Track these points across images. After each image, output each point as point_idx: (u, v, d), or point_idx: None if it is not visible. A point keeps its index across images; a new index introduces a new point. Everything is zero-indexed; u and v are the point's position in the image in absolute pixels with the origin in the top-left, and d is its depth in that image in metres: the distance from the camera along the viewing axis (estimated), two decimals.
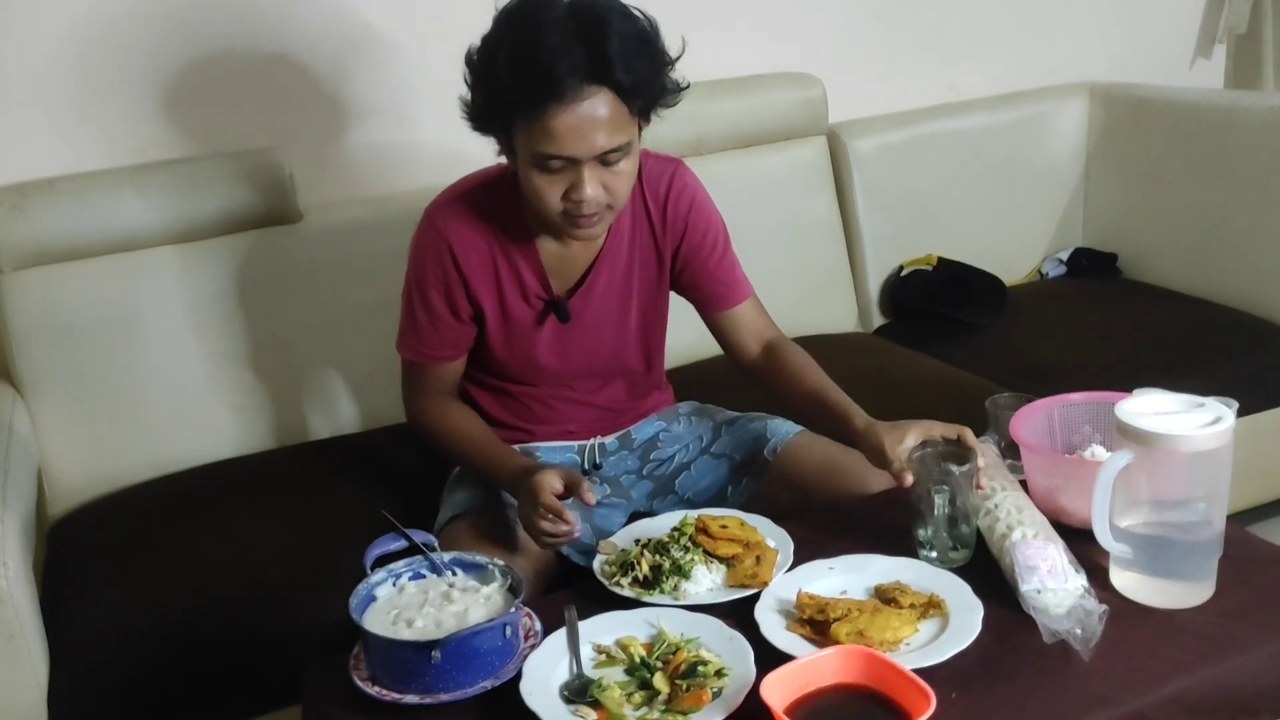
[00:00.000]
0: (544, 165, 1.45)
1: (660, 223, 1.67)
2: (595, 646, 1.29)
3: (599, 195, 1.47)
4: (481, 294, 1.63)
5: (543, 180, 1.47)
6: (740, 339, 1.74)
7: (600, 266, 1.66)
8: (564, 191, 1.47)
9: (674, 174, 1.68)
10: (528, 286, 1.64)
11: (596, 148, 1.43)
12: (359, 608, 1.27)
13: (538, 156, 1.44)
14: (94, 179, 1.99)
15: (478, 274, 1.62)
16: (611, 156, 1.45)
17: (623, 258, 1.68)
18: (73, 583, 1.74)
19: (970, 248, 2.61)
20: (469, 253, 1.61)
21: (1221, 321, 2.40)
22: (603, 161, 1.45)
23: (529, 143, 1.44)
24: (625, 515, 1.74)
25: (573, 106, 1.40)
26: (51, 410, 1.97)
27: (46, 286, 1.95)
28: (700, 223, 1.69)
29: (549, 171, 1.46)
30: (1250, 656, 1.22)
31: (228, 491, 1.94)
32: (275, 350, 2.09)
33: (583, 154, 1.43)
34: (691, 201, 1.69)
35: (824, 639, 1.24)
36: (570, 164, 1.44)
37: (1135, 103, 2.70)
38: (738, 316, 1.73)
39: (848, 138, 2.54)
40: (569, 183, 1.46)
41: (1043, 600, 1.26)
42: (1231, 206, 2.48)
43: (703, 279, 1.71)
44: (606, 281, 1.67)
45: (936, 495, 1.39)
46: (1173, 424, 1.26)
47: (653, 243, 1.69)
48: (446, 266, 1.60)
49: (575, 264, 1.66)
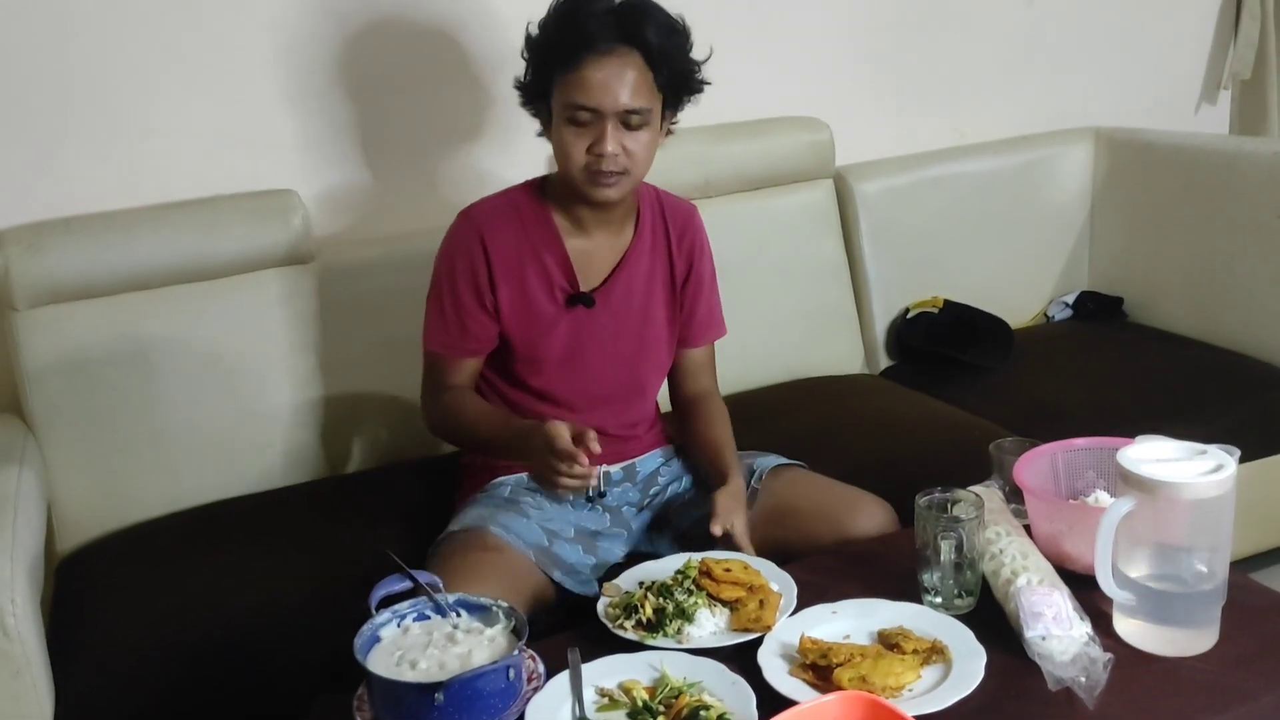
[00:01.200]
0: (574, 117, 1.60)
1: (678, 251, 1.82)
2: (598, 689, 1.29)
3: (618, 153, 1.61)
4: (506, 281, 1.71)
5: (570, 133, 1.62)
6: (681, 379, 1.89)
7: (623, 269, 1.77)
8: (588, 145, 1.61)
9: (691, 212, 1.86)
10: (554, 280, 1.73)
11: (621, 103, 1.59)
12: (363, 648, 1.28)
13: (569, 108, 1.60)
14: (110, 219, 2.01)
15: (504, 261, 1.71)
16: (633, 119, 1.61)
17: (644, 266, 1.79)
18: (80, 619, 1.74)
19: (976, 290, 2.62)
20: (498, 243, 1.71)
21: (1227, 365, 2.40)
22: (625, 123, 1.61)
23: (562, 96, 1.61)
24: (626, 546, 1.76)
25: (603, 59, 1.58)
26: (63, 447, 1.98)
27: (60, 324, 1.97)
28: (702, 261, 1.85)
29: (577, 124, 1.61)
30: (1254, 705, 1.22)
31: (236, 528, 1.95)
32: (287, 389, 2.10)
33: (608, 106, 1.59)
34: (702, 243, 1.86)
35: (827, 684, 1.24)
36: (596, 118, 1.60)
37: (1140, 147, 2.72)
38: (695, 358, 1.89)
39: (854, 180, 2.56)
40: (594, 137, 1.60)
41: (1048, 647, 1.26)
42: (1236, 251, 2.49)
43: (688, 315, 1.85)
44: (627, 285, 1.77)
45: (943, 541, 1.39)
46: (1175, 471, 1.27)
47: (669, 265, 1.81)
48: (475, 255, 1.70)
49: (600, 265, 1.76)
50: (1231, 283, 2.50)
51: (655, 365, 1.84)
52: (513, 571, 1.57)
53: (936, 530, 1.39)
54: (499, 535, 1.62)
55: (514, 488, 1.77)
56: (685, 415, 1.87)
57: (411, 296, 1.81)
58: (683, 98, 1.70)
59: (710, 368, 1.90)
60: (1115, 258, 2.77)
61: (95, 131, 2.07)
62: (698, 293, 1.84)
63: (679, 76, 1.67)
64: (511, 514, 1.68)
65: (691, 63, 1.69)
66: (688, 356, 1.87)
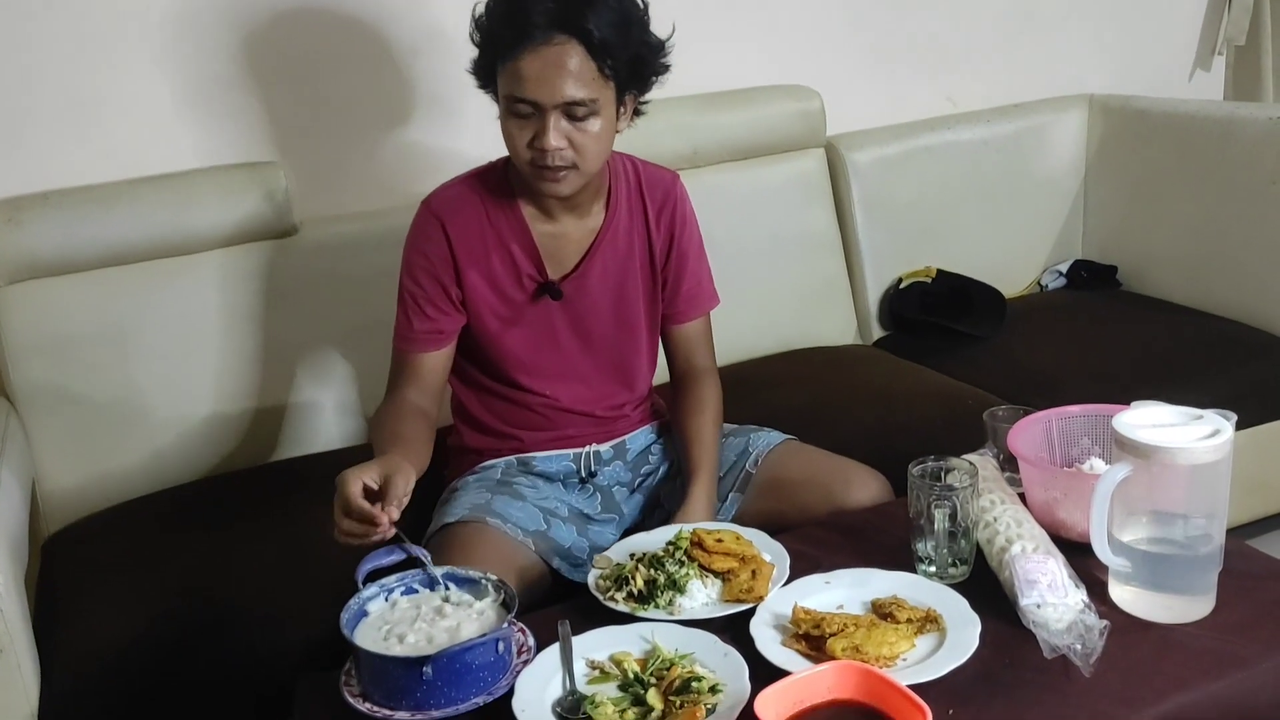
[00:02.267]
0: (514, 109, 1.53)
1: (656, 225, 1.73)
2: (589, 662, 1.28)
3: (562, 146, 1.52)
4: (471, 275, 1.65)
5: (513, 125, 1.54)
6: (682, 355, 1.82)
7: (596, 253, 1.69)
8: (530, 139, 1.53)
9: (672, 182, 1.77)
10: (520, 268, 1.67)
11: (560, 95, 1.50)
12: (350, 623, 1.26)
13: (509, 100, 1.53)
14: (89, 192, 1.98)
15: (469, 254, 1.65)
16: (578, 110, 1.52)
17: (619, 249, 1.71)
18: (65, 598, 1.73)
19: (969, 260, 2.60)
20: (461, 232, 1.65)
21: (1221, 333, 2.39)
22: (569, 115, 1.52)
23: (503, 86, 1.53)
24: (618, 531, 1.74)
25: (540, 50, 1.48)
26: (46, 424, 1.96)
27: (41, 300, 1.95)
28: (684, 230, 1.77)
29: (518, 116, 1.53)
30: (1250, 672, 1.21)
31: (222, 506, 1.93)
32: (271, 364, 2.09)
33: (546, 99, 1.50)
34: (685, 215, 1.77)
35: (820, 654, 1.23)
36: (537, 110, 1.51)
37: (1134, 114, 2.70)
38: (687, 333, 1.81)
39: (846, 150, 2.54)
40: (535, 130, 1.52)
41: (1043, 615, 1.25)
42: (1231, 218, 2.47)
43: (671, 291, 1.78)
44: (601, 270, 1.70)
45: (937, 510, 1.38)
46: (1171, 436, 1.26)
47: (647, 241, 1.74)
48: (438, 246, 1.64)
49: (570, 249, 1.69)
50: (1226, 250, 2.48)
51: (636, 348, 1.78)
52: (511, 562, 1.54)
53: (930, 499, 1.38)
54: (496, 526, 1.59)
55: (504, 469, 1.75)
56: (675, 394, 1.81)
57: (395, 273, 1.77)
58: (645, 81, 1.61)
59: (703, 342, 1.83)
60: (1109, 226, 2.76)
61: (71, 105, 2.04)
62: (682, 266, 1.77)
63: (633, 62, 1.56)
64: (506, 498, 1.66)
65: (646, 46, 1.58)
66: (677, 332, 1.81)
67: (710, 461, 1.68)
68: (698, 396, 1.76)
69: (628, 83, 1.57)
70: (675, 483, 1.76)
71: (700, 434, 1.71)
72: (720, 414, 1.77)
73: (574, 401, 1.75)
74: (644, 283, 1.75)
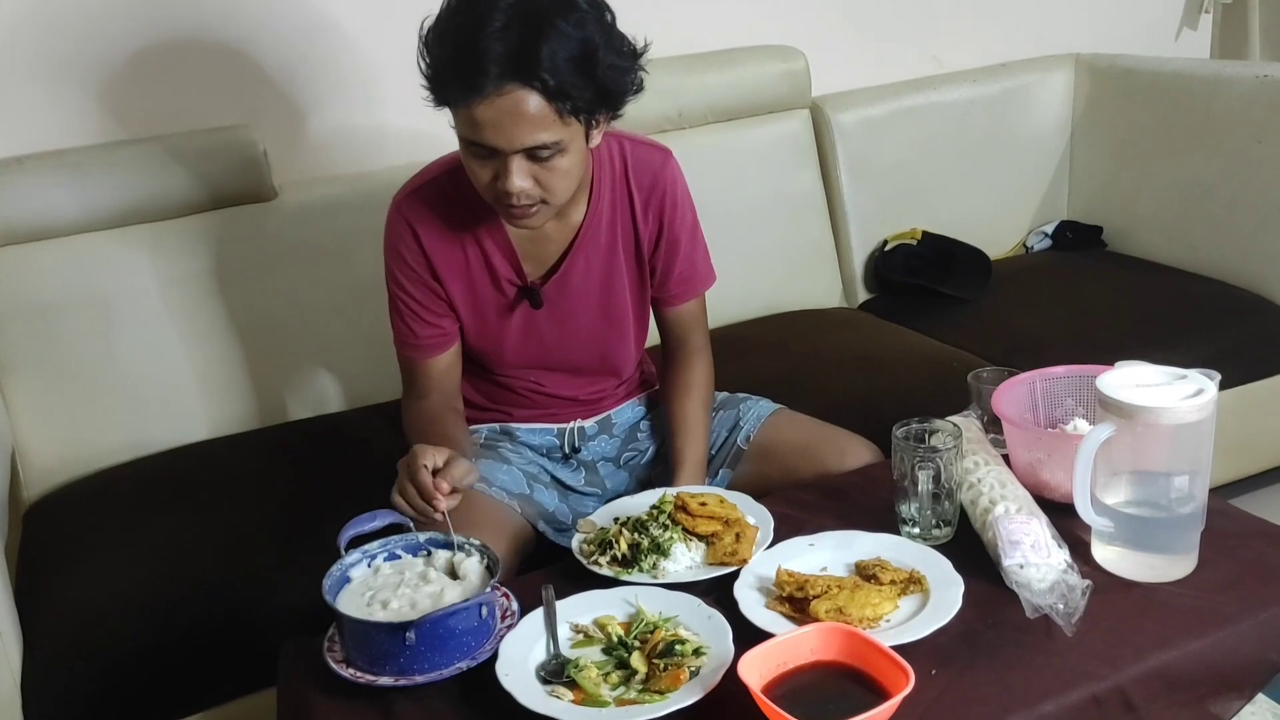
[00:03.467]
0: (472, 150, 1.43)
1: (643, 211, 1.64)
2: (573, 626, 1.28)
3: (527, 187, 1.42)
4: (450, 281, 1.60)
5: (474, 164, 1.44)
6: (676, 336, 1.75)
7: (577, 252, 1.62)
8: (492, 178, 1.43)
9: (662, 163, 1.65)
10: (498, 272, 1.61)
11: (518, 142, 1.38)
12: (333, 589, 1.26)
13: (465, 141, 1.42)
14: (63, 157, 1.96)
15: (446, 261, 1.59)
16: (541, 153, 1.40)
17: (601, 244, 1.63)
18: (47, 566, 1.72)
19: (955, 221, 2.59)
20: (435, 240, 1.58)
21: (1206, 293, 2.39)
22: (532, 156, 1.41)
23: (459, 127, 1.42)
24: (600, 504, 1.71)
25: (491, 100, 1.35)
26: (25, 392, 1.94)
27: (17, 267, 1.92)
28: (675, 212, 1.66)
29: (478, 156, 1.43)
30: (1232, 630, 1.22)
31: (204, 473, 1.92)
32: (251, 330, 2.07)
33: (504, 146, 1.39)
34: (675, 199, 1.66)
35: (803, 616, 1.23)
36: (495, 153, 1.40)
37: (1121, 73, 2.68)
38: (681, 315, 1.74)
39: (831, 111, 2.52)
40: (496, 170, 1.42)
41: (1025, 575, 1.25)
42: (1217, 178, 2.46)
43: (661, 276, 1.70)
44: (584, 268, 1.63)
45: (921, 472, 1.37)
46: (1155, 396, 1.25)
47: (633, 229, 1.66)
48: (415, 255, 1.58)
49: (549, 249, 1.62)
50: (1212, 210, 2.48)
51: (622, 339, 1.72)
52: (500, 526, 1.54)
53: (914, 461, 1.38)
54: (482, 489, 1.58)
55: (488, 435, 1.74)
56: (665, 372, 1.75)
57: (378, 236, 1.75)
58: (617, 103, 1.47)
59: (697, 324, 1.75)
60: (1094, 186, 2.75)
61: (44, 68, 2.01)
62: (673, 251, 1.67)
63: (599, 94, 1.41)
64: (491, 461, 1.65)
65: (614, 70, 1.42)
66: (670, 315, 1.73)
67: (696, 452, 1.64)
68: (686, 380, 1.71)
69: (595, 111, 1.44)
70: (665, 464, 1.73)
71: (686, 420, 1.66)
72: (709, 396, 1.72)
73: (558, 388, 1.73)
74: (630, 274, 1.68)
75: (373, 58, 2.22)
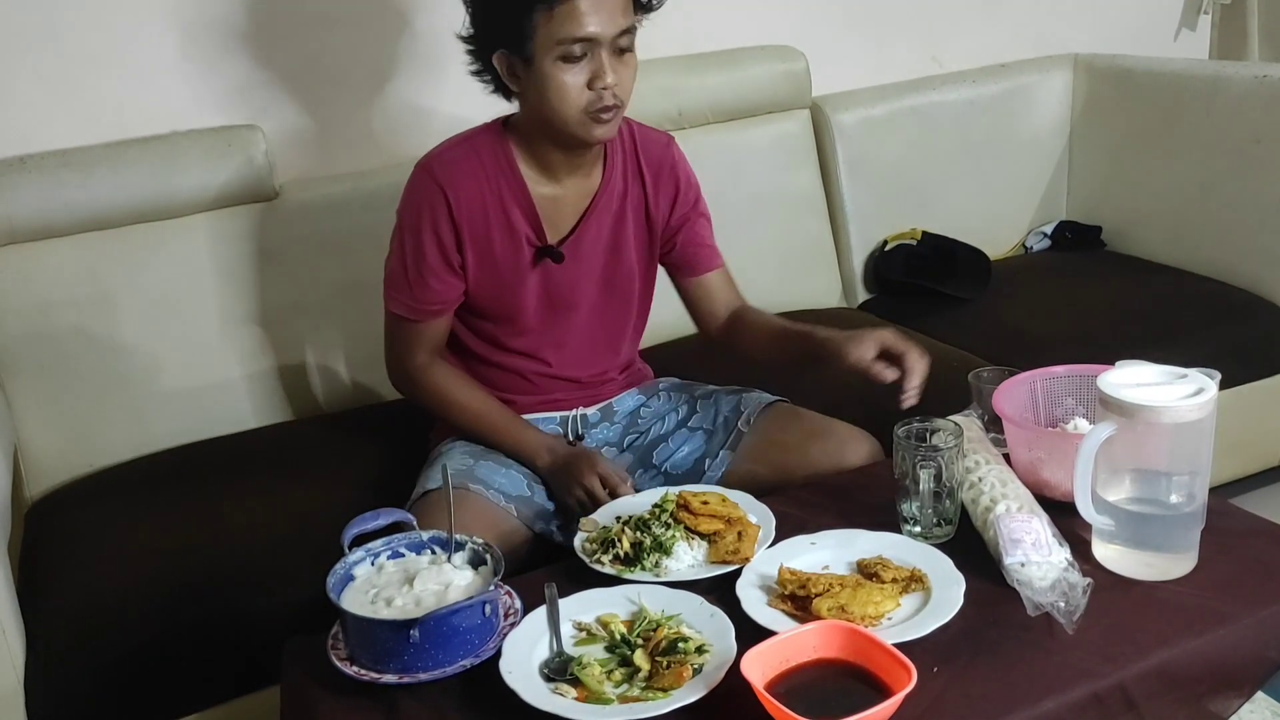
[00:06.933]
0: (568, 54, 1.48)
1: (654, 188, 1.71)
2: (575, 624, 1.28)
3: (617, 83, 1.51)
4: (471, 239, 1.63)
5: (566, 75, 1.50)
6: (712, 306, 1.79)
7: (591, 216, 1.68)
8: (587, 81, 1.50)
9: (668, 144, 1.75)
10: (519, 232, 1.64)
11: (617, 25, 1.48)
12: (336, 587, 1.26)
13: (561, 44, 1.48)
14: (67, 156, 1.95)
15: (470, 219, 1.62)
16: (624, 40, 1.51)
17: (613, 211, 1.69)
18: (50, 564, 1.72)
19: (954, 221, 2.60)
20: (462, 198, 1.61)
21: (1205, 293, 2.39)
22: (616, 49, 1.50)
23: (551, 32, 1.47)
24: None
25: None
26: (29, 390, 1.95)
27: (22, 266, 1.93)
28: (689, 192, 1.75)
29: (571, 60, 1.49)
30: (1232, 628, 1.22)
31: (206, 472, 1.92)
32: (252, 328, 2.07)
33: (606, 32, 1.48)
34: (685, 172, 1.75)
35: (805, 614, 1.23)
36: (591, 49, 1.49)
37: (1120, 74, 2.68)
38: (711, 283, 1.79)
39: (831, 111, 2.52)
40: (591, 72, 1.50)
41: (1027, 574, 1.25)
42: (1216, 178, 2.47)
43: (685, 244, 1.76)
44: (595, 232, 1.68)
45: (922, 471, 1.38)
46: (1155, 395, 1.26)
47: (644, 204, 1.72)
48: (439, 211, 1.61)
49: (567, 212, 1.67)
50: (1211, 210, 2.48)
51: (625, 313, 1.76)
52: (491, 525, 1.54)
53: (915, 459, 1.38)
54: (479, 492, 1.59)
55: None
56: (731, 340, 1.79)
57: (379, 234, 1.76)
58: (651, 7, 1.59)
59: (731, 288, 1.81)
60: (1094, 187, 2.75)
61: (48, 68, 2.01)
62: (694, 220, 1.75)
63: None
64: (490, 464, 1.66)
65: None
66: (705, 283, 1.78)
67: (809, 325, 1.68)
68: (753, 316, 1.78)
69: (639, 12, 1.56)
70: (667, 443, 1.76)
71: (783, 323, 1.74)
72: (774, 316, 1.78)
73: (561, 366, 1.74)
74: (639, 247, 1.73)
75: (375, 57, 2.22)
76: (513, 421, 1.69)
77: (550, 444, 1.67)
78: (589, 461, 1.61)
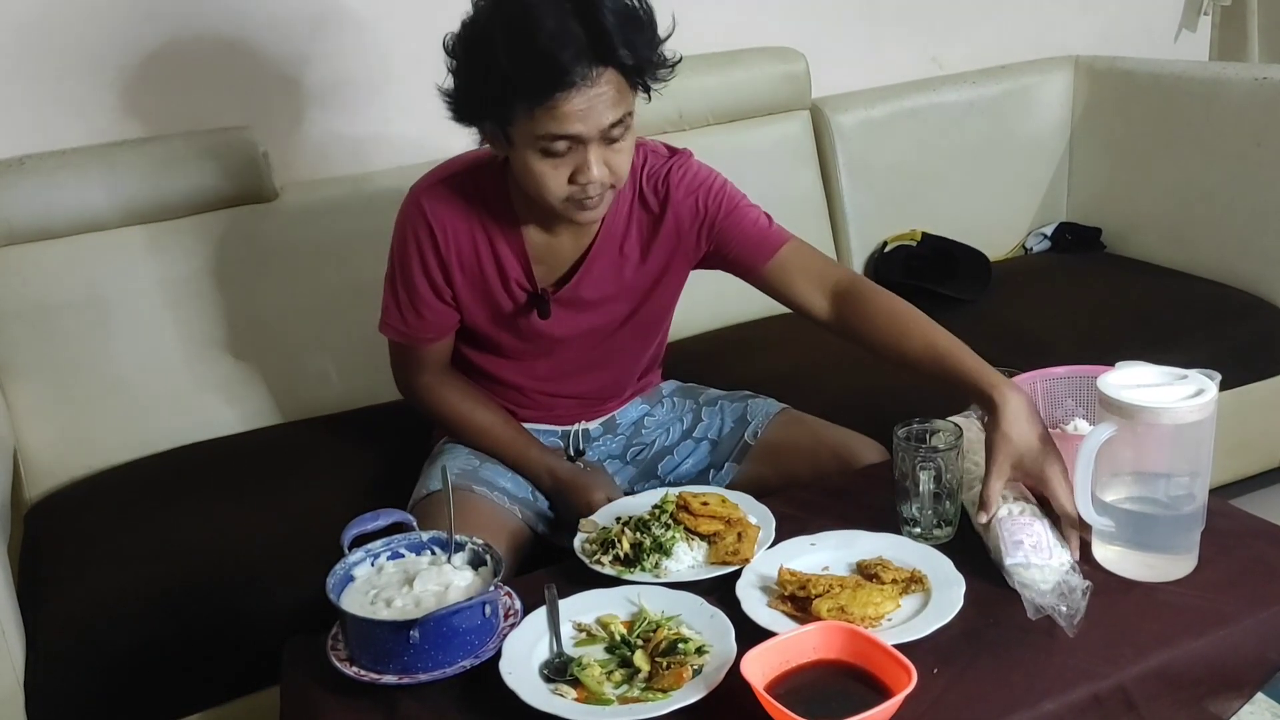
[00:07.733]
0: (549, 149, 1.41)
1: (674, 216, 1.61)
2: (575, 625, 1.28)
3: (604, 175, 1.43)
4: (461, 280, 1.59)
5: (547, 165, 1.42)
6: (796, 289, 1.63)
7: (591, 262, 1.61)
8: (569, 175, 1.43)
9: (672, 167, 1.62)
10: (509, 276, 1.60)
11: (602, 124, 1.39)
12: (336, 588, 1.26)
13: (543, 140, 1.40)
14: (64, 157, 1.95)
15: (459, 260, 1.58)
16: (615, 132, 1.42)
17: (614, 253, 1.62)
18: (50, 566, 1.72)
19: (954, 222, 2.60)
20: (451, 237, 1.56)
21: (1205, 295, 2.39)
22: (606, 140, 1.42)
23: (532, 127, 1.39)
24: None
25: (582, 90, 1.36)
26: (27, 392, 1.95)
27: (18, 267, 1.93)
28: (709, 197, 1.62)
29: (554, 155, 1.41)
30: (1233, 629, 1.22)
31: (206, 473, 1.92)
32: (251, 330, 2.07)
33: (589, 132, 1.39)
34: (699, 182, 1.63)
35: (806, 615, 1.23)
36: (576, 145, 1.41)
37: (1120, 75, 2.69)
38: (781, 265, 1.62)
39: (831, 112, 2.52)
40: (574, 165, 1.42)
41: (1028, 575, 1.25)
42: (1216, 179, 2.47)
43: (729, 246, 1.63)
44: (599, 274, 1.62)
45: (922, 472, 1.38)
46: (1155, 396, 1.26)
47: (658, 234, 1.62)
48: (427, 249, 1.57)
49: (563, 256, 1.61)
50: (1211, 212, 2.48)
51: (641, 344, 1.72)
52: (498, 526, 1.54)
53: (915, 461, 1.38)
54: (483, 494, 1.59)
55: None
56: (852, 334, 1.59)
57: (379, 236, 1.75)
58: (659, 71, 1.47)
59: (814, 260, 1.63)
60: (1094, 188, 2.75)
61: (44, 69, 2.01)
62: (737, 218, 1.61)
63: (654, 69, 1.45)
64: (496, 466, 1.65)
65: (660, 47, 1.46)
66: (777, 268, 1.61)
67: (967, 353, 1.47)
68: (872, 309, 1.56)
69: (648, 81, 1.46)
70: (672, 455, 1.75)
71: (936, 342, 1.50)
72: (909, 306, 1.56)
73: (562, 387, 1.73)
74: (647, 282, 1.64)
75: (374, 59, 2.22)
76: (516, 440, 1.67)
77: (551, 465, 1.65)
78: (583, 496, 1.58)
